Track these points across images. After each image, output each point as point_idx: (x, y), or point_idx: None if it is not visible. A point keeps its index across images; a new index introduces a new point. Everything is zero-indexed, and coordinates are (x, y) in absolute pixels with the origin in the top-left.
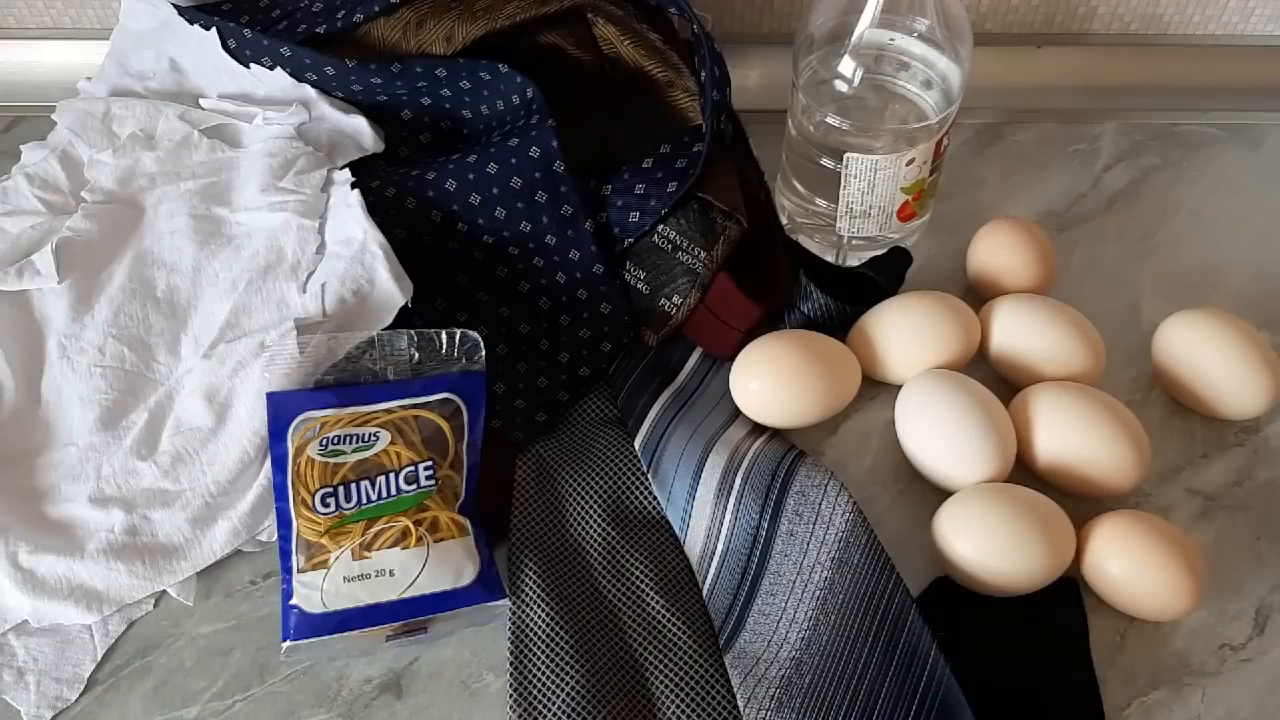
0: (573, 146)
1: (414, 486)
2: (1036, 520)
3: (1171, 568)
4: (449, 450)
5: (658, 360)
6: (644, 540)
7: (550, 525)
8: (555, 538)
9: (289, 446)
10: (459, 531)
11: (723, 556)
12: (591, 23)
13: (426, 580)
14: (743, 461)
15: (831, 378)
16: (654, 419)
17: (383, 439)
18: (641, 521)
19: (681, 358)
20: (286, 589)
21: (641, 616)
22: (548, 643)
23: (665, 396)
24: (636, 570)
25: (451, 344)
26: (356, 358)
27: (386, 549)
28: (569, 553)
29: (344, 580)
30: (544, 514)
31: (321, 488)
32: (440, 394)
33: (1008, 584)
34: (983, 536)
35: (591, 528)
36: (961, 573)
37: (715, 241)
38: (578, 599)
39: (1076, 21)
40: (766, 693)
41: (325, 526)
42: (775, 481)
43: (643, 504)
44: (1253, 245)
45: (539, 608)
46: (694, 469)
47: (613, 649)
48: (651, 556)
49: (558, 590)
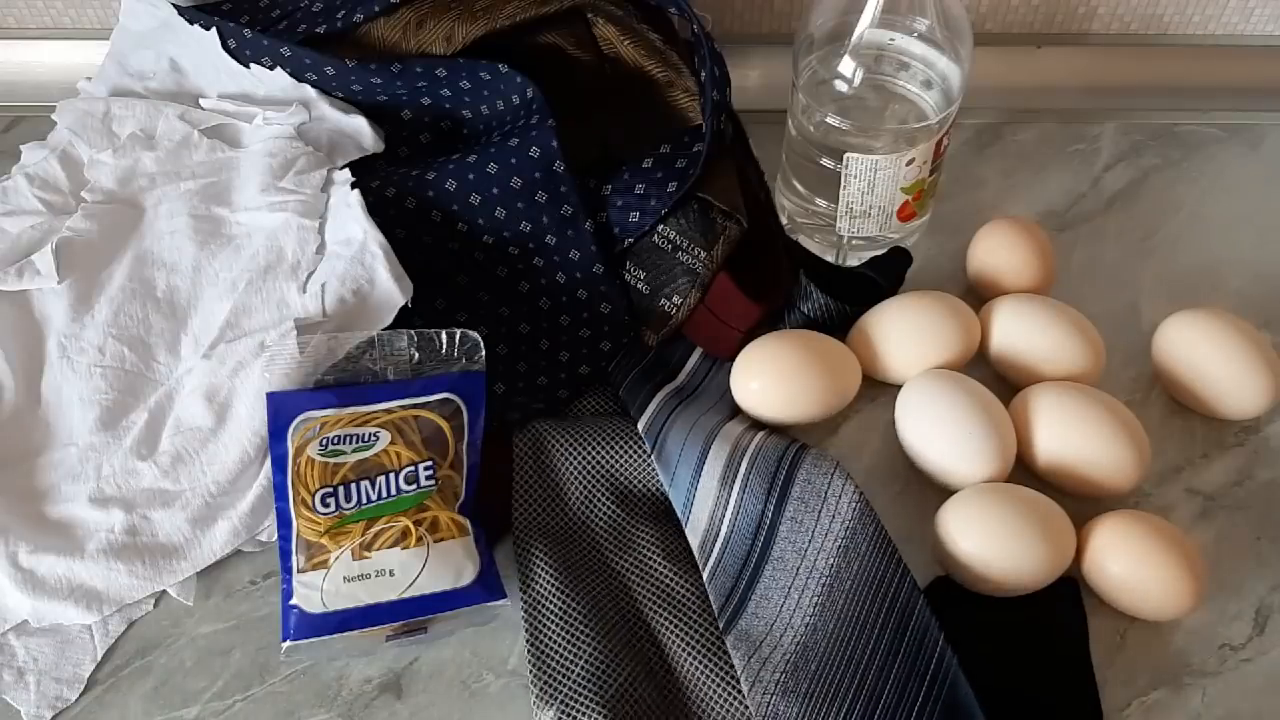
0: (573, 146)
1: (414, 486)
2: (1037, 520)
3: (1171, 568)
4: (449, 450)
5: (658, 359)
6: (649, 513)
7: (553, 505)
8: (560, 517)
9: (289, 446)
10: (459, 531)
11: (726, 540)
12: (591, 23)
13: (426, 580)
14: (747, 449)
15: (832, 377)
16: (655, 408)
17: (383, 439)
18: (645, 497)
19: (681, 358)
20: (286, 589)
21: (651, 582)
22: (561, 615)
23: (666, 391)
24: (643, 541)
25: (451, 344)
26: (356, 358)
27: (386, 549)
28: (575, 530)
29: (344, 580)
30: (546, 495)
31: (321, 488)
32: (440, 394)
33: (1009, 583)
34: (984, 536)
35: (596, 505)
36: (963, 572)
37: (715, 241)
38: (587, 571)
39: (1076, 21)
40: (771, 676)
41: (325, 526)
42: (781, 468)
43: (645, 482)
44: (1253, 245)
45: (549, 583)
46: (698, 454)
47: (625, 615)
48: (658, 528)
49: (566, 565)
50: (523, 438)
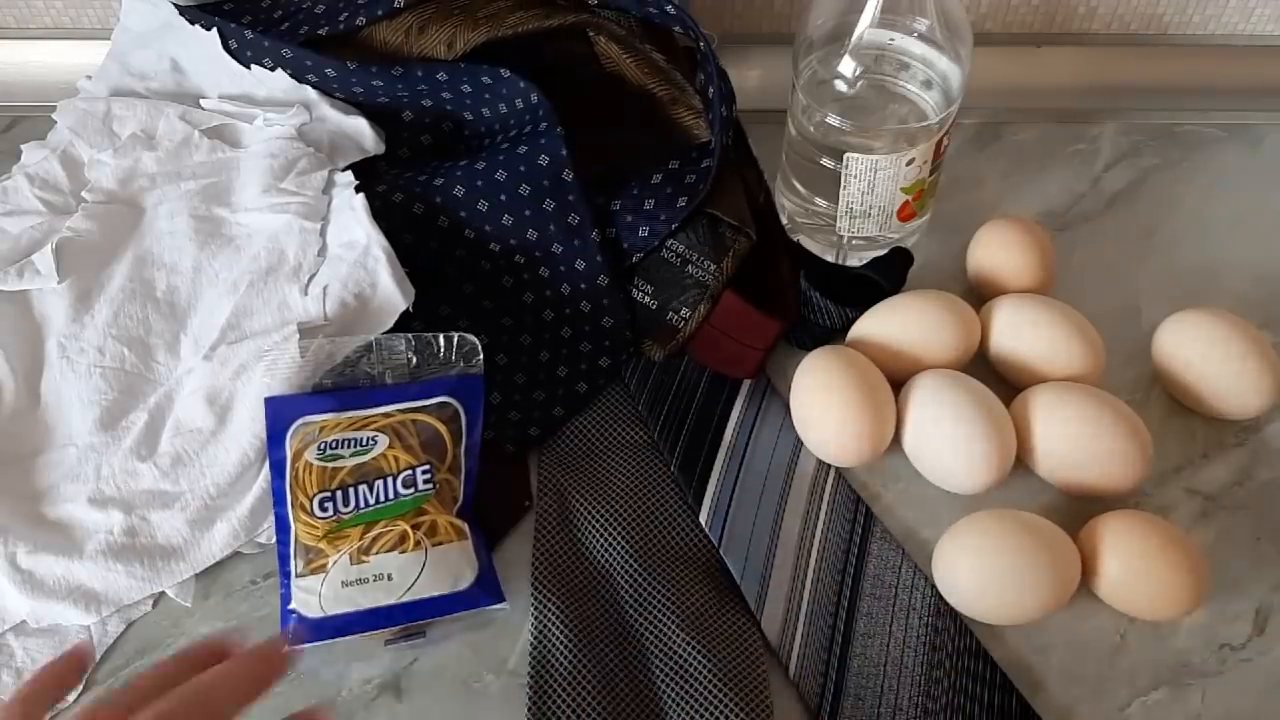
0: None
1: (411, 490)
2: (1042, 549)
3: (1171, 568)
4: (447, 454)
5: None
6: (667, 573)
7: (573, 557)
8: (579, 570)
9: (287, 451)
10: (457, 535)
11: (805, 636)
12: (593, 40)
13: (425, 584)
14: (813, 543)
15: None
16: (714, 492)
17: (381, 443)
18: (664, 554)
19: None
20: (285, 594)
21: (665, 651)
22: (569, 679)
23: (720, 461)
24: (660, 603)
25: (449, 347)
26: (354, 362)
27: (385, 553)
28: (594, 585)
29: (342, 585)
30: (566, 546)
31: (319, 492)
32: (438, 397)
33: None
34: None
35: (615, 559)
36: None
37: (724, 254)
38: (602, 631)
39: (1076, 21)
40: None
41: (323, 531)
42: (850, 562)
43: (665, 536)
44: (1253, 245)
45: (561, 641)
46: (765, 550)
47: (635, 686)
48: (676, 589)
49: (581, 624)
50: (546, 485)
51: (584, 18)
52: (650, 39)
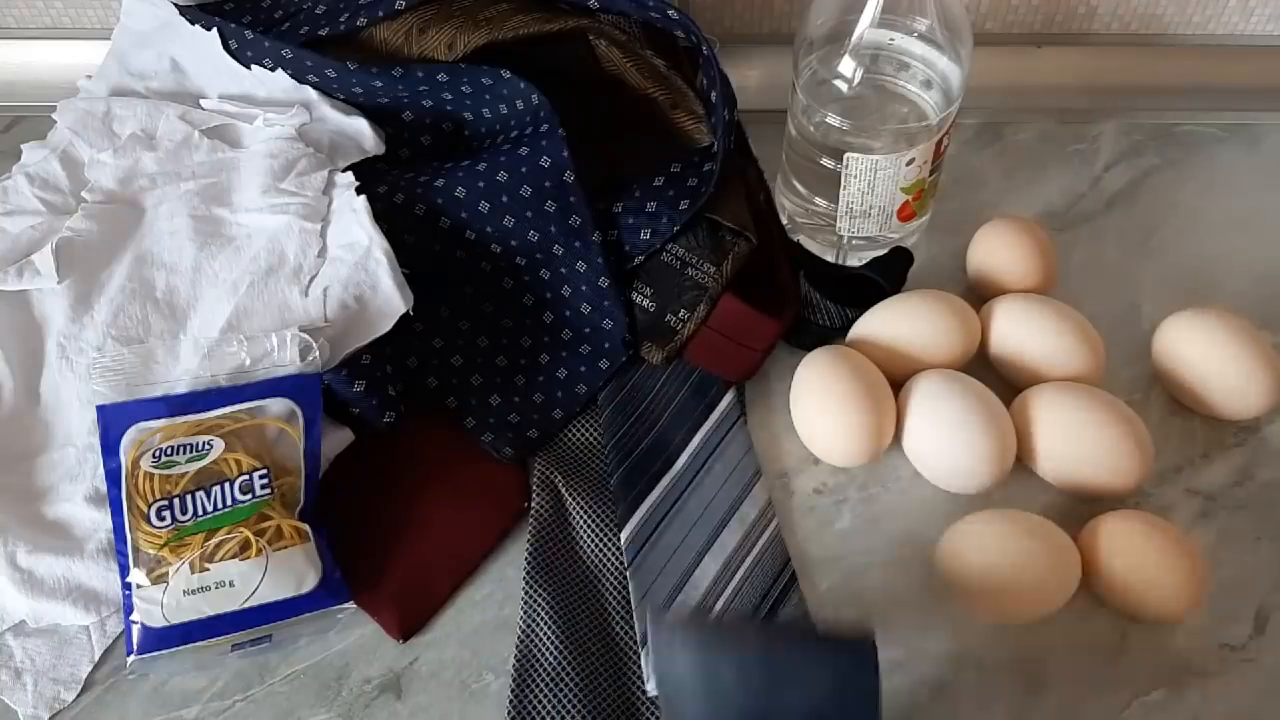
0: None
1: (249, 496)
2: (1042, 549)
3: (1171, 568)
4: (287, 456)
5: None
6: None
7: (566, 557)
8: (571, 570)
9: (123, 460)
10: (300, 538)
11: None
12: (594, 45)
13: (267, 589)
14: (724, 592)
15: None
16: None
17: (217, 447)
18: None
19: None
20: (127, 604)
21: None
22: (552, 676)
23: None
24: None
25: (283, 346)
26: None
27: (226, 560)
28: (584, 585)
29: (184, 593)
30: (560, 546)
31: (157, 500)
32: (275, 398)
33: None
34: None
35: (605, 561)
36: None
37: (724, 258)
38: (589, 633)
39: (1076, 21)
40: None
41: (163, 540)
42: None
43: None
44: (1253, 245)
45: (548, 636)
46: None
47: (618, 686)
48: None
49: (569, 625)
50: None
51: (585, 22)
52: (651, 43)
